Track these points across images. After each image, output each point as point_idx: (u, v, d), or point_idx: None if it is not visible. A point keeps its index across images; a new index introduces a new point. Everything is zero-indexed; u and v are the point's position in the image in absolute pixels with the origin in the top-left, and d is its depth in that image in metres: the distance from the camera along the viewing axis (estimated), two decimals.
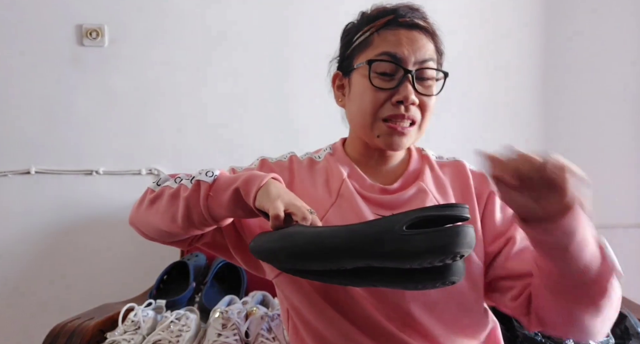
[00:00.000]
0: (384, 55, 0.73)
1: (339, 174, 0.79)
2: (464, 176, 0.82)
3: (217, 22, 1.71)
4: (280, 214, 0.61)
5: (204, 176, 0.71)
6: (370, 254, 0.55)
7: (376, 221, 0.58)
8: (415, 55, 0.73)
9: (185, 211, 0.70)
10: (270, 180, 0.66)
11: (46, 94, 1.65)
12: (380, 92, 0.74)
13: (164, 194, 0.74)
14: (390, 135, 0.75)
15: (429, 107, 0.76)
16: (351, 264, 0.57)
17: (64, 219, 1.66)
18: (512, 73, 1.81)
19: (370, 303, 0.70)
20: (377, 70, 0.74)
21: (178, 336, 1.08)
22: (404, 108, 0.73)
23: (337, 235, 0.57)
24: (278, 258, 0.61)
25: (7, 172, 1.64)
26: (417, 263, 0.53)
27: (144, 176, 1.69)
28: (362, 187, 0.78)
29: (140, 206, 0.77)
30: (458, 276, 0.57)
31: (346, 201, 0.76)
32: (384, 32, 0.75)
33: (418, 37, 0.74)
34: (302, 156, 0.86)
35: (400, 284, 0.59)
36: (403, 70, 0.73)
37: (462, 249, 0.53)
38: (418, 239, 0.53)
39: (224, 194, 0.68)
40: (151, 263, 1.59)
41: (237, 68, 1.72)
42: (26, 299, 1.64)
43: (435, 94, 0.76)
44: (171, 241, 0.78)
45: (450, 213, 0.56)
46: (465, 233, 0.53)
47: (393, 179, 0.81)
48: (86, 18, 1.66)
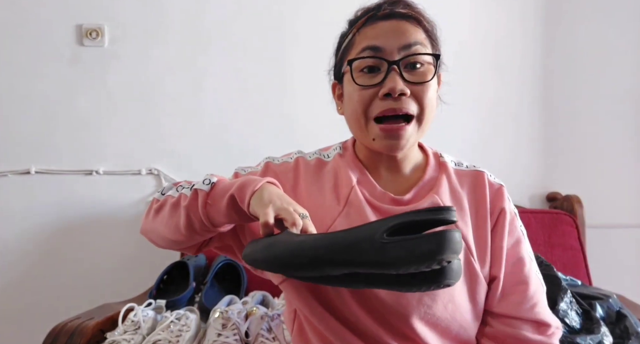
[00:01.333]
0: (365, 50, 0.70)
1: (348, 179, 0.75)
2: (482, 190, 0.77)
3: (217, 22, 1.71)
4: (269, 220, 0.59)
5: (201, 184, 0.71)
6: (351, 263, 0.53)
7: (357, 229, 0.55)
8: (399, 41, 0.69)
9: (186, 220, 0.70)
10: (264, 185, 0.65)
11: (46, 94, 1.65)
12: (366, 90, 0.70)
13: (167, 203, 0.74)
14: (386, 137, 0.70)
15: (426, 95, 0.70)
16: (336, 272, 0.56)
17: (64, 219, 1.66)
18: (512, 73, 1.81)
19: (373, 319, 0.69)
20: (360, 68, 0.71)
21: (178, 336, 1.08)
22: (395, 102, 0.68)
23: (318, 245, 0.55)
24: (263, 267, 0.60)
25: (7, 172, 1.64)
26: (402, 269, 0.52)
27: (144, 176, 1.69)
28: (372, 196, 0.74)
29: (148, 216, 0.78)
30: (453, 279, 0.54)
31: (355, 210, 0.72)
32: (364, 29, 0.72)
33: (399, 25, 0.70)
34: (310, 155, 0.82)
35: (396, 287, 0.57)
36: (387, 63, 0.69)
37: (444, 255, 0.50)
38: (397, 246, 0.51)
39: (221, 201, 0.67)
40: (151, 263, 1.59)
41: (238, 68, 1.72)
42: (26, 299, 1.64)
43: (429, 79, 0.70)
44: (180, 248, 0.78)
45: (434, 217, 0.53)
46: (447, 239, 0.50)
47: (406, 188, 0.76)
48: (86, 18, 1.65)
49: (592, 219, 1.68)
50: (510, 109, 1.82)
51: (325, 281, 0.59)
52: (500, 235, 0.74)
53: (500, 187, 0.78)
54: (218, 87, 1.72)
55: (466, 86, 1.74)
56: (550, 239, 1.56)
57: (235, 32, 1.72)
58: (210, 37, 1.71)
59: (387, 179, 0.77)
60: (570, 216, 1.61)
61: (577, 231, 1.58)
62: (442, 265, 0.52)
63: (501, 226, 0.75)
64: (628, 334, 1.04)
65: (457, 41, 1.70)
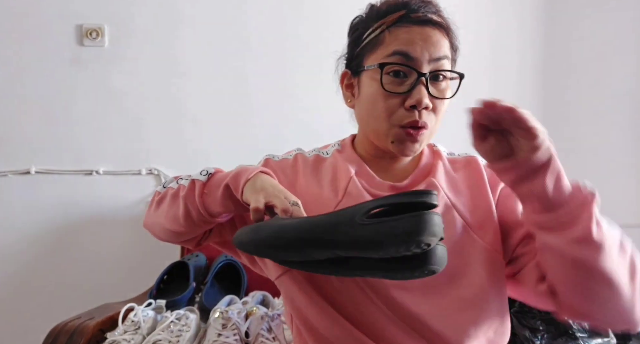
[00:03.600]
0: (396, 55, 0.69)
1: (347, 171, 0.76)
2: (478, 172, 0.78)
3: (216, 21, 1.71)
4: (259, 206, 0.61)
5: (199, 174, 0.73)
6: (332, 245, 0.54)
7: (338, 212, 0.57)
8: (430, 52, 0.69)
9: (184, 210, 0.72)
10: (258, 174, 0.67)
11: (46, 94, 1.65)
12: (392, 98, 0.70)
13: (167, 195, 0.76)
14: (404, 141, 0.71)
15: (442, 111, 0.72)
16: (319, 254, 0.57)
17: (64, 219, 1.66)
18: (513, 73, 1.81)
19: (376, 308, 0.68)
20: (389, 72, 0.70)
21: (178, 336, 1.08)
22: (417, 114, 0.69)
23: (301, 227, 0.57)
24: (249, 250, 0.61)
25: (7, 172, 1.64)
26: (382, 252, 0.52)
27: (144, 176, 1.69)
28: (371, 185, 0.75)
29: (150, 209, 0.80)
30: (436, 265, 0.53)
31: (354, 199, 0.73)
32: (396, 29, 0.70)
33: (432, 34, 0.70)
34: (309, 152, 0.84)
35: (380, 274, 0.58)
36: (416, 73, 0.69)
37: (423, 237, 0.49)
38: (375, 228, 0.51)
39: (217, 190, 0.69)
40: (151, 263, 1.59)
41: (238, 67, 1.72)
42: (26, 298, 1.64)
43: (450, 97, 0.72)
44: (180, 241, 0.79)
45: (414, 200, 0.53)
46: (426, 220, 0.49)
47: (403, 176, 0.77)
48: (86, 18, 1.65)
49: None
50: None
51: (312, 268, 0.60)
52: (510, 203, 0.74)
53: None
54: (218, 87, 1.72)
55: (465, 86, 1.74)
56: None
57: (236, 32, 1.72)
58: (210, 37, 1.71)
59: (384, 170, 0.79)
60: None
61: None
62: (422, 248, 0.51)
63: (506, 195, 0.75)
64: (629, 335, 1.05)
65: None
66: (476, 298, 0.69)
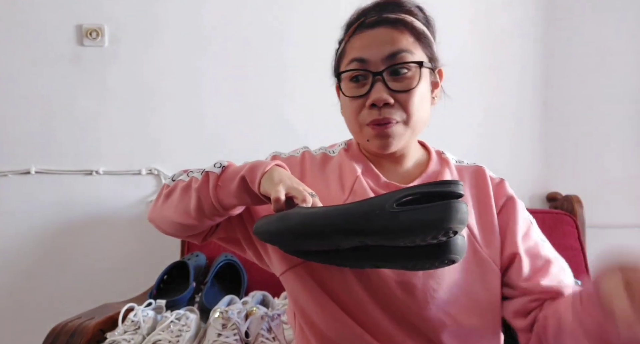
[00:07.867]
0: (353, 62, 0.73)
1: (353, 170, 0.78)
2: (484, 183, 0.79)
3: (216, 22, 1.71)
4: (280, 197, 0.62)
5: (212, 167, 0.73)
6: (362, 232, 0.55)
7: (368, 200, 0.58)
8: (383, 51, 0.71)
9: (197, 202, 0.72)
10: (274, 167, 0.68)
11: (46, 93, 1.65)
12: (356, 101, 0.73)
13: (177, 187, 0.76)
14: (377, 137, 0.73)
15: (411, 102, 0.71)
16: (346, 242, 0.58)
17: (63, 219, 1.66)
18: (513, 74, 1.81)
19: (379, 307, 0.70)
20: (348, 78, 0.74)
21: (178, 336, 1.08)
22: (379, 111, 0.71)
23: (330, 214, 0.58)
24: (275, 239, 0.62)
25: (7, 172, 1.64)
26: (410, 239, 0.53)
27: (144, 176, 1.69)
28: (377, 185, 0.76)
29: (157, 202, 0.79)
30: (457, 254, 0.56)
31: (359, 198, 0.73)
32: (353, 38, 0.74)
33: (384, 33, 0.72)
34: (315, 151, 0.85)
35: (400, 264, 0.59)
36: (371, 74, 0.71)
37: (452, 224, 0.52)
38: (407, 215, 0.52)
39: (231, 183, 0.69)
40: (151, 263, 1.59)
41: (237, 67, 1.72)
42: (26, 299, 1.64)
43: (413, 87, 0.71)
44: (187, 235, 0.79)
45: (442, 189, 0.55)
46: (455, 208, 0.52)
47: (410, 180, 0.78)
48: (86, 18, 1.66)
49: (592, 219, 1.68)
50: (511, 110, 1.82)
51: (329, 258, 0.61)
52: (512, 217, 0.76)
53: (501, 180, 0.81)
54: (218, 87, 1.72)
55: (466, 86, 1.74)
56: (550, 239, 1.53)
57: (235, 33, 1.72)
58: (210, 37, 1.71)
59: (390, 171, 0.80)
60: (570, 216, 1.61)
61: (577, 231, 1.58)
62: (449, 236, 0.53)
63: (508, 210, 0.77)
64: None
65: (457, 42, 1.71)
66: (477, 304, 0.71)
